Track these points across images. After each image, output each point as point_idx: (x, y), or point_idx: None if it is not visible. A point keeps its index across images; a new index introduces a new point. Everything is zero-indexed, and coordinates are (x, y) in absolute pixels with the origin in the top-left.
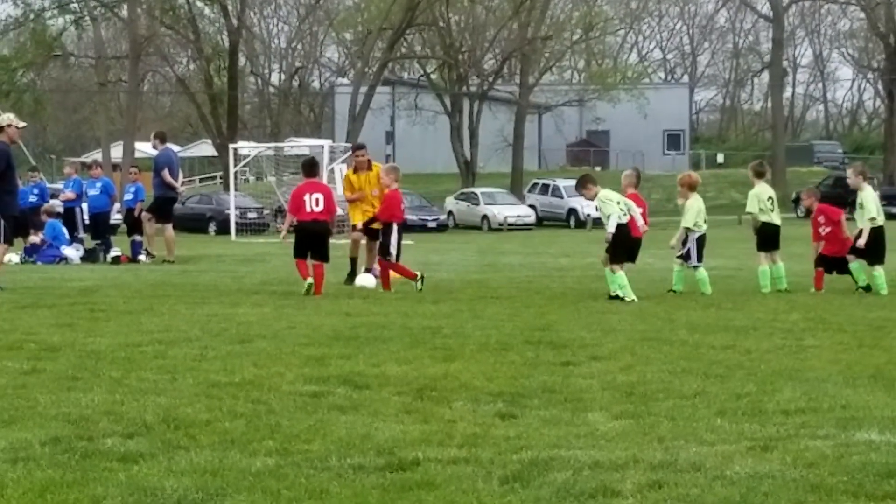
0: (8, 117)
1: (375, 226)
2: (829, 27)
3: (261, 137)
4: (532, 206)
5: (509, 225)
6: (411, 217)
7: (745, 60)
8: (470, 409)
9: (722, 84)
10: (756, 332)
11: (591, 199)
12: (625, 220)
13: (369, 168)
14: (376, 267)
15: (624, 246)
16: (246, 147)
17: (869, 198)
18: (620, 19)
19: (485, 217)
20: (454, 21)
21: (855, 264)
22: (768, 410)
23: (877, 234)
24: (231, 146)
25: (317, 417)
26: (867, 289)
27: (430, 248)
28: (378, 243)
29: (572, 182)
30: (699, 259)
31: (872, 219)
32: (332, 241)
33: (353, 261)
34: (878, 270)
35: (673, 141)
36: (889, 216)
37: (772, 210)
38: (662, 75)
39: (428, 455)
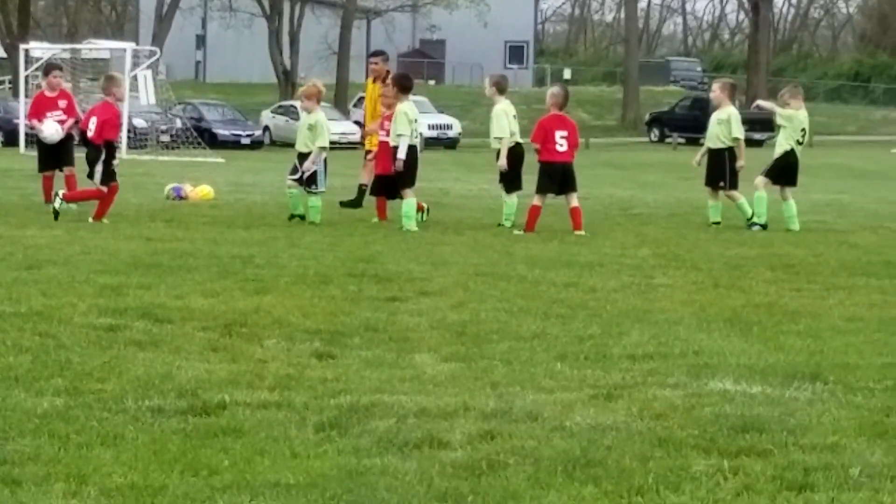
0: None
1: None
2: None
3: (56, 38)
4: (358, 123)
5: (332, 143)
6: (222, 132)
7: None
8: (283, 348)
9: None
10: (602, 269)
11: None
12: (414, 141)
13: (384, 80)
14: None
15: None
16: (39, 48)
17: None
18: None
19: None
20: None
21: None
22: (613, 355)
23: (516, 156)
24: (22, 46)
25: (112, 354)
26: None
27: (244, 168)
28: None
29: None
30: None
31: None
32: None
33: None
34: (512, 198)
35: (515, 53)
36: (751, 142)
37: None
38: None
39: (235, 398)
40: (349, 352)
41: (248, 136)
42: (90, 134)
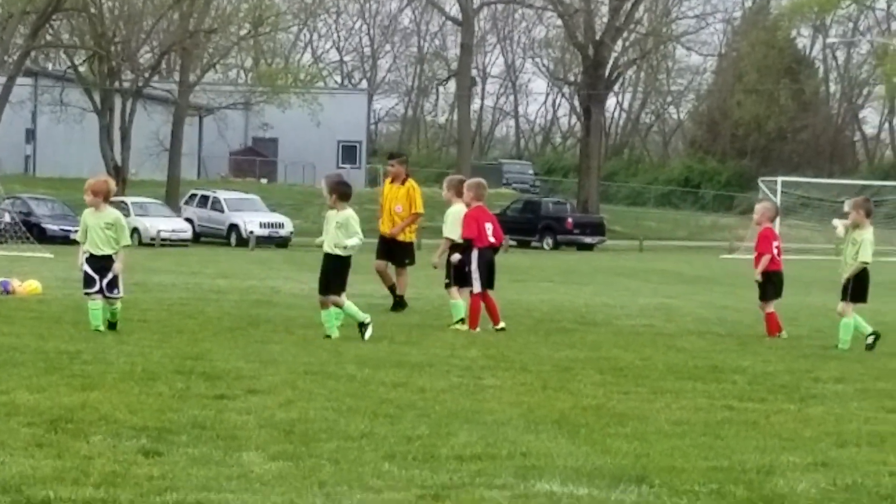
0: None
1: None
2: (523, 34)
3: None
4: (189, 220)
5: (163, 240)
6: (52, 227)
7: (430, 67)
8: (110, 445)
9: (404, 92)
10: (431, 369)
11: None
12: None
13: (402, 182)
14: None
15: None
16: None
17: None
18: (294, 14)
19: (136, 230)
20: (107, 7)
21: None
22: (441, 456)
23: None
24: None
25: None
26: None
27: (73, 263)
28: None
29: (234, 194)
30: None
31: None
32: None
33: (392, 289)
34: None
35: (348, 153)
36: (583, 246)
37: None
38: (339, 79)
39: (60, 495)
40: (176, 449)
41: (77, 231)
42: None
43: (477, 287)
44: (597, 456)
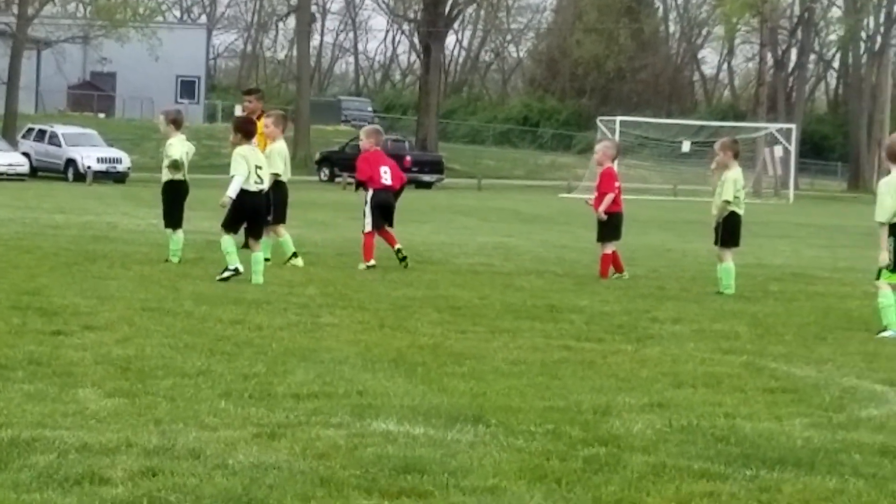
0: None
1: None
2: None
3: None
4: (26, 154)
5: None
6: None
7: (269, 2)
8: None
9: (243, 27)
10: (269, 307)
11: None
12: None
13: (259, 117)
14: None
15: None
16: None
17: None
18: None
19: None
20: None
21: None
22: (278, 394)
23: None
24: None
25: None
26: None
27: None
28: None
29: (72, 129)
30: None
31: None
32: None
33: None
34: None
35: (187, 88)
36: (421, 184)
37: (743, 200)
38: (178, 14)
39: None
40: (11, 385)
41: None
42: None
43: (368, 226)
44: (433, 395)
